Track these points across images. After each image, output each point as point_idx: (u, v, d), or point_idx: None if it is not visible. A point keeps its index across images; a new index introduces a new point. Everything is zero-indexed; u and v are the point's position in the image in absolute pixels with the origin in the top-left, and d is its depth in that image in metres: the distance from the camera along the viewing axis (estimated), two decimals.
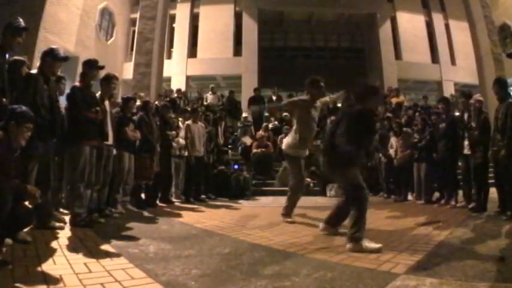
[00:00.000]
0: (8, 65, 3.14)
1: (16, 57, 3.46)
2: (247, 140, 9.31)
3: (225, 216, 4.81)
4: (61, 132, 3.58)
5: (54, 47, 3.53)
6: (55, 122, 3.38)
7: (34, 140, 3.03)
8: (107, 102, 4.14)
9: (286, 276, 2.10)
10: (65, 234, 3.23)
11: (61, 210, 4.27)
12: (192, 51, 17.13)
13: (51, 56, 3.39)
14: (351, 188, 3.02)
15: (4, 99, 2.84)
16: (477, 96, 5.35)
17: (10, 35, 3.01)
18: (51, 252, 2.57)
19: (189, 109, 7.30)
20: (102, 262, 2.32)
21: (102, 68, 3.96)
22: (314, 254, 2.63)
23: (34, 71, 3.40)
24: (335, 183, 6.87)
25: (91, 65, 3.88)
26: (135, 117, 5.13)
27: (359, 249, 2.68)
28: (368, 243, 2.74)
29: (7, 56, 3.14)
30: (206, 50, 16.87)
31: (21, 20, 3.10)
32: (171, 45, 17.05)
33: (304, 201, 4.65)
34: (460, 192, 5.48)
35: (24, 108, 2.59)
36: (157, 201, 5.75)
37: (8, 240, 2.66)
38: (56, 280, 1.95)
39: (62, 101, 4.01)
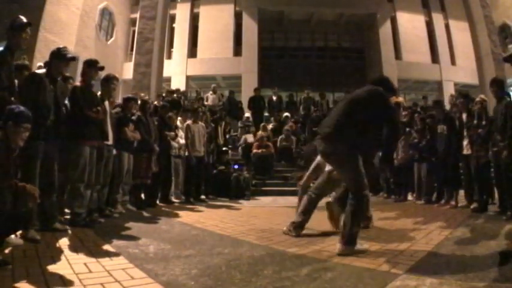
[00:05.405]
0: None
1: None
2: (249, 137, 9.26)
3: (225, 216, 4.81)
4: (65, 133, 3.57)
5: (61, 47, 3.48)
6: (59, 122, 3.36)
7: (35, 140, 3.02)
8: (106, 102, 4.14)
9: (286, 276, 2.10)
10: (65, 234, 3.22)
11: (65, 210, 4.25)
12: (192, 51, 17.14)
13: (57, 56, 3.35)
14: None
15: (12, 99, 2.84)
16: (482, 95, 5.34)
17: (15, 34, 3.00)
18: (51, 252, 2.57)
19: (190, 108, 7.28)
20: (102, 262, 2.32)
21: (102, 69, 3.97)
22: (314, 254, 2.63)
23: (40, 71, 3.37)
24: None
25: (91, 65, 3.89)
26: (133, 117, 5.13)
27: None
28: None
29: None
30: (206, 50, 16.88)
31: (22, 17, 3.09)
32: (171, 45, 17.06)
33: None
34: (461, 192, 5.47)
35: (22, 108, 2.58)
36: (157, 201, 5.75)
37: (19, 241, 2.67)
38: (56, 280, 1.96)
39: None
